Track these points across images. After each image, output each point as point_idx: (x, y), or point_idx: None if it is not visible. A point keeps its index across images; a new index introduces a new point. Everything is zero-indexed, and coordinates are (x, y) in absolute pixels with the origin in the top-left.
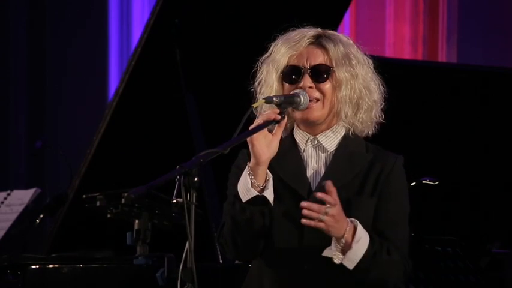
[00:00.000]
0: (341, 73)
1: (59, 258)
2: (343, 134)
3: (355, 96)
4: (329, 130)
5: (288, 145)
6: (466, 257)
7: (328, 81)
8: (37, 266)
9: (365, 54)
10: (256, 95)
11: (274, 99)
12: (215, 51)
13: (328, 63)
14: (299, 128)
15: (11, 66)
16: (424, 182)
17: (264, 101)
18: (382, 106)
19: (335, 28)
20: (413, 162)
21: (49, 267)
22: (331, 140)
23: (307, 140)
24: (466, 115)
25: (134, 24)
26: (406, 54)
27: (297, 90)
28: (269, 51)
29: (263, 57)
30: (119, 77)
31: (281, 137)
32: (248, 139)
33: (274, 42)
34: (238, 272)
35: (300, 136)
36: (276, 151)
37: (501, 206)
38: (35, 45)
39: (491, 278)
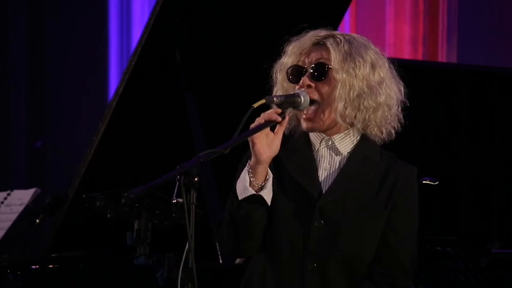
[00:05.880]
0: (339, 71)
1: (59, 258)
2: (358, 138)
3: (353, 95)
4: (344, 133)
5: (302, 143)
6: (466, 257)
7: (326, 79)
8: (37, 266)
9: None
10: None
11: (275, 99)
12: (215, 51)
13: (326, 62)
14: None
15: (11, 66)
16: (424, 182)
17: (264, 100)
18: (395, 111)
19: (335, 28)
20: (413, 162)
21: (49, 267)
22: (346, 143)
23: (322, 139)
24: (466, 115)
25: (134, 24)
26: (406, 54)
27: (297, 90)
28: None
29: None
30: (118, 77)
31: (294, 135)
32: (249, 137)
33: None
34: (238, 272)
35: (314, 135)
36: (277, 150)
37: (501, 206)
38: (35, 45)
39: (491, 278)
